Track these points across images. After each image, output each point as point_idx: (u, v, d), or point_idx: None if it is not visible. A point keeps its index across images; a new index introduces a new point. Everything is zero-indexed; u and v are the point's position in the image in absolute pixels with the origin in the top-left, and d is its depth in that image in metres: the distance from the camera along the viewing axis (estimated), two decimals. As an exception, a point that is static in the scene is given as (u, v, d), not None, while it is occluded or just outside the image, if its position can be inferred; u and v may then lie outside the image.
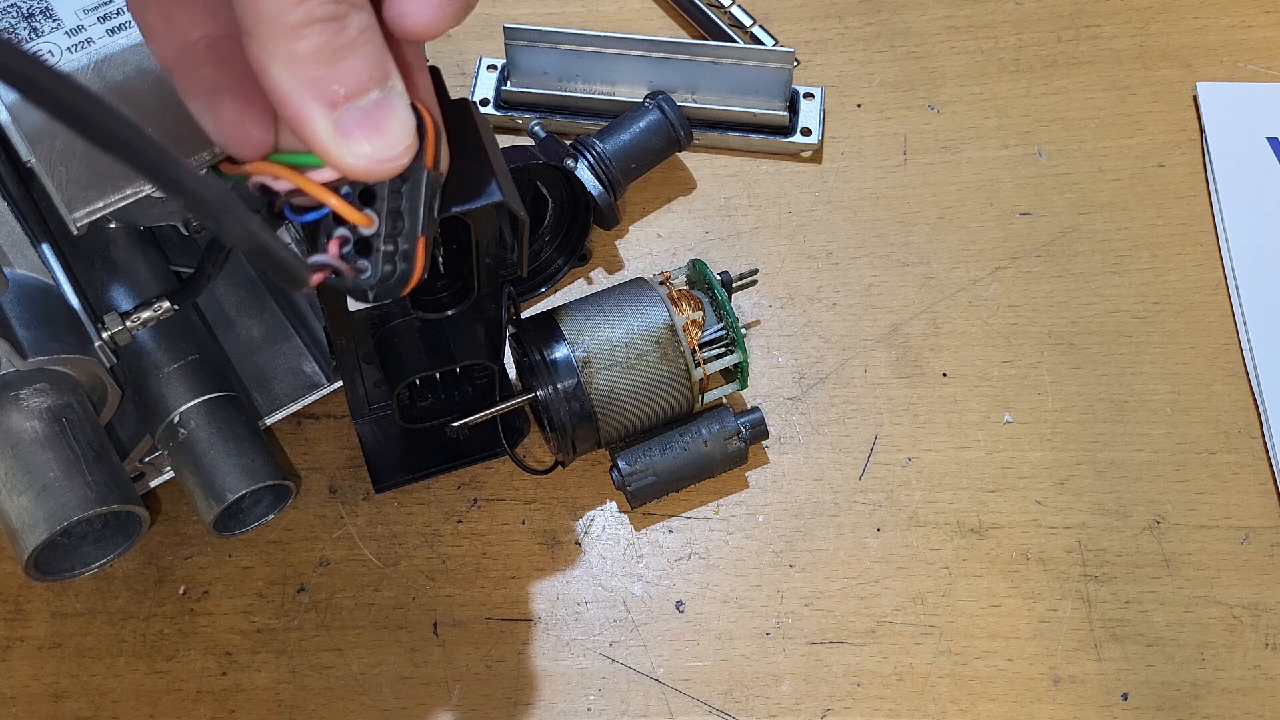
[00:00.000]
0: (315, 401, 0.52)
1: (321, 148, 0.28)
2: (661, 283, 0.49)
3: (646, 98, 0.56)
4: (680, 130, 0.55)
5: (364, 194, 0.31)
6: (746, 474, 0.50)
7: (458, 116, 0.37)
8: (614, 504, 0.50)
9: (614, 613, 0.48)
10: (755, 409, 0.49)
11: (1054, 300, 0.54)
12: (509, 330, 0.49)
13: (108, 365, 0.42)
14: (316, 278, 0.30)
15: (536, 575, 0.49)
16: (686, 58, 0.56)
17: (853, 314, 0.54)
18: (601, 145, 0.54)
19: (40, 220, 0.42)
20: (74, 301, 0.41)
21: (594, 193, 0.53)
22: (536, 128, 0.54)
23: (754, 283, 0.52)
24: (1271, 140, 0.57)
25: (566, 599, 0.48)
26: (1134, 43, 0.61)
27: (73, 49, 0.38)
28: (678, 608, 0.48)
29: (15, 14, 0.39)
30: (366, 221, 0.30)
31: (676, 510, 0.50)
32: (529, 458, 0.51)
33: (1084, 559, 0.48)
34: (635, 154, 0.54)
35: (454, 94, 0.61)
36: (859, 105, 0.59)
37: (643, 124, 0.55)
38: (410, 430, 0.49)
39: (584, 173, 0.53)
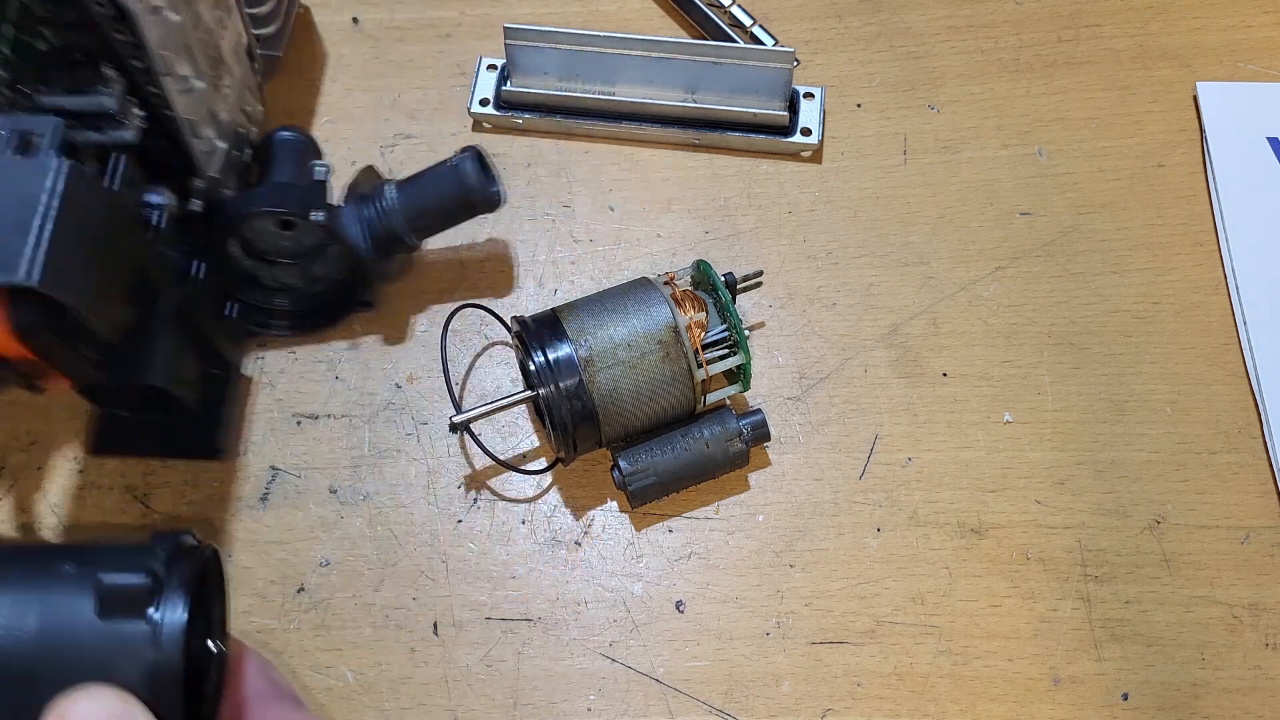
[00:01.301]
0: (315, 402, 0.52)
1: None
2: (666, 283, 0.49)
3: (458, 151, 0.51)
4: (479, 191, 0.50)
5: None
6: (747, 474, 0.50)
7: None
8: (614, 504, 0.50)
9: (614, 613, 0.48)
10: (757, 411, 0.49)
11: (1054, 300, 0.54)
12: (515, 328, 0.49)
13: None
14: None
15: (536, 575, 0.49)
16: (686, 58, 0.56)
17: (853, 314, 0.54)
18: (393, 196, 0.50)
19: None
20: None
21: (357, 247, 0.50)
22: (319, 167, 0.51)
23: (759, 284, 0.52)
24: (1271, 140, 0.57)
25: (566, 599, 0.48)
26: (1134, 43, 0.61)
27: None
28: (678, 608, 0.48)
29: None
30: None
31: (676, 510, 0.50)
32: (528, 457, 0.51)
33: (1084, 559, 0.48)
34: (428, 209, 0.51)
35: (453, 92, 0.61)
36: (859, 105, 0.59)
37: (436, 179, 0.51)
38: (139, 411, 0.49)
39: (351, 223, 0.50)
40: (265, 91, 0.54)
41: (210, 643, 0.36)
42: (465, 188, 0.50)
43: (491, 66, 0.59)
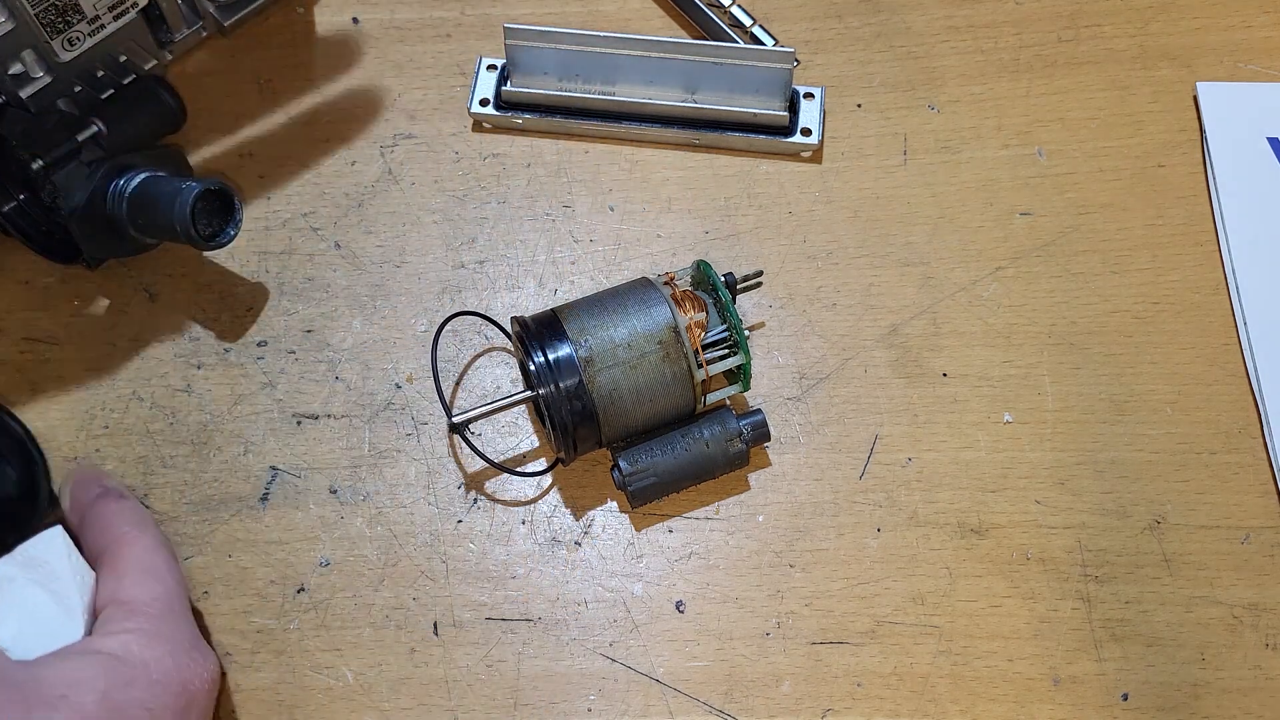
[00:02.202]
0: (315, 402, 0.52)
1: None
2: (666, 283, 0.49)
3: (205, 179, 0.50)
4: (180, 225, 0.48)
5: None
6: (747, 474, 0.50)
7: None
8: (614, 504, 0.50)
9: (614, 613, 0.48)
10: (757, 411, 0.49)
11: (1054, 300, 0.54)
12: (515, 329, 0.49)
13: None
14: None
15: (536, 575, 0.49)
16: (686, 58, 0.56)
17: (853, 314, 0.54)
18: (132, 185, 0.50)
19: None
20: None
21: (64, 204, 0.50)
22: (91, 124, 0.51)
23: (759, 284, 0.52)
24: (1271, 140, 0.57)
25: (566, 599, 0.48)
26: (1134, 43, 0.61)
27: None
28: (678, 608, 0.48)
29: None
30: None
31: (677, 510, 0.50)
32: (528, 458, 0.51)
33: (1084, 559, 0.48)
34: (148, 214, 0.50)
35: (453, 92, 0.61)
36: (859, 105, 0.59)
37: (166, 190, 0.50)
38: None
39: (81, 185, 0.50)
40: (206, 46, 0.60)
41: (53, 487, 0.45)
42: (173, 215, 0.49)
43: (491, 66, 0.59)
